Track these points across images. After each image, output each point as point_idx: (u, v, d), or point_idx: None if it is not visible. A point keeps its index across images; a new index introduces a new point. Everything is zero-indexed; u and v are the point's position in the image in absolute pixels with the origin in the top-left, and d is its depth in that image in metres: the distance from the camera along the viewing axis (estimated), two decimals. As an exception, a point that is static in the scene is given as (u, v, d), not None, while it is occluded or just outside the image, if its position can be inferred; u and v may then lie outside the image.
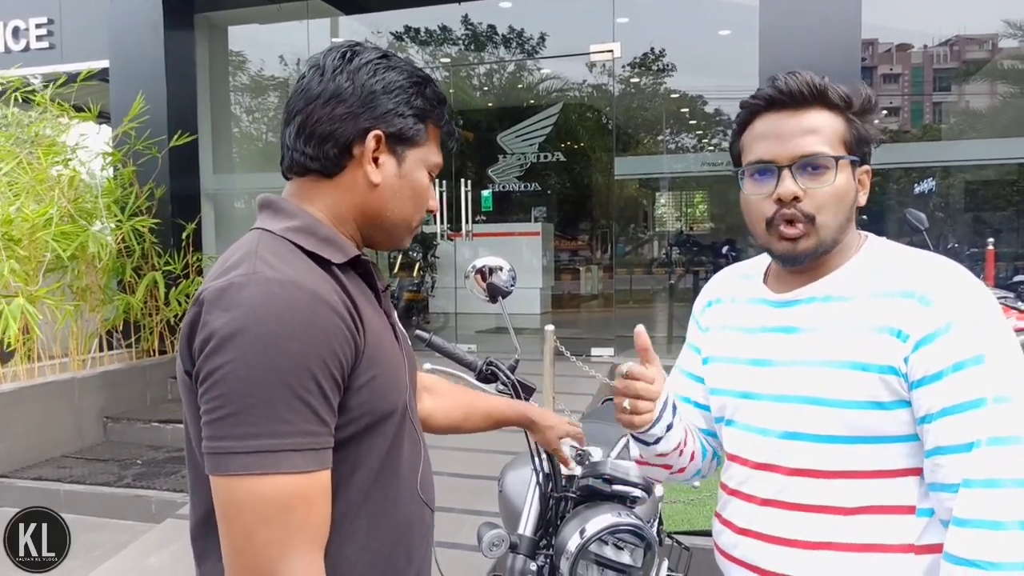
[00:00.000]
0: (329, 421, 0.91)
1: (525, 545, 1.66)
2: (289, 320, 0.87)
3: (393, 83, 1.04)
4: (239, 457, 0.85)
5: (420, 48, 9.01)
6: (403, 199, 1.07)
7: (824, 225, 1.14)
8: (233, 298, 0.88)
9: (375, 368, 0.98)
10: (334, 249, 1.00)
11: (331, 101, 1.02)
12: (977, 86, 7.98)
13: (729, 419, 1.30)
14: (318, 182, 1.05)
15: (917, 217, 4.34)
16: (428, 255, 8.46)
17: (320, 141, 1.02)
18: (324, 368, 0.89)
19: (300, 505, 0.87)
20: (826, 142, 1.14)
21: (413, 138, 1.06)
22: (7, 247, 5.12)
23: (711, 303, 1.40)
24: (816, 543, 1.14)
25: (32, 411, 4.99)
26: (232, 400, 0.85)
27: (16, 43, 7.68)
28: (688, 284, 8.42)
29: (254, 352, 0.85)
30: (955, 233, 7.60)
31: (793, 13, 5.13)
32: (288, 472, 0.86)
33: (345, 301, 0.95)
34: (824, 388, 1.14)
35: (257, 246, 0.96)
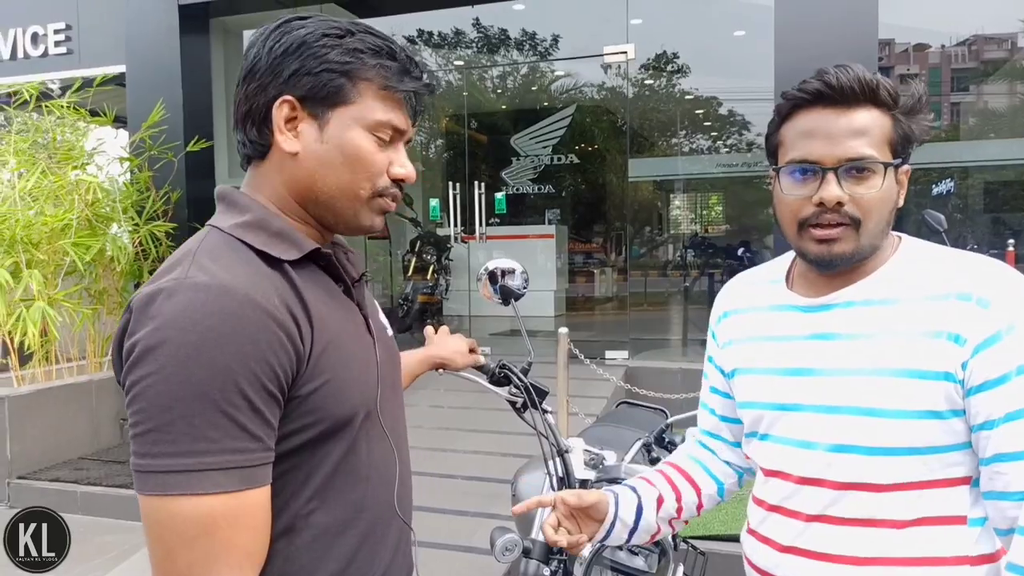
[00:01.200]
0: (263, 436, 0.85)
1: (538, 550, 1.65)
2: (215, 330, 0.81)
3: (296, 41, 0.93)
4: (157, 476, 0.80)
5: (434, 51, 9.03)
6: (333, 166, 0.95)
7: (867, 231, 1.09)
8: (159, 306, 0.83)
9: (328, 372, 0.91)
10: (286, 245, 0.94)
11: (246, 79, 0.95)
12: (996, 86, 7.90)
13: (764, 433, 1.22)
14: (257, 167, 0.99)
15: (936, 218, 4.29)
16: (442, 258, 8.46)
17: (243, 123, 0.97)
18: (254, 380, 0.82)
19: (225, 526, 0.82)
20: (874, 144, 1.08)
21: (333, 96, 0.94)
22: (26, 251, 5.17)
23: (727, 314, 1.34)
24: (868, 559, 1.09)
25: (50, 413, 5.03)
26: (151, 416, 0.80)
27: (35, 49, 7.77)
28: (703, 287, 8.38)
29: (174, 365, 0.80)
30: (974, 234, 7.52)
31: (809, 13, 5.09)
32: (209, 492, 0.81)
33: (289, 304, 0.88)
34: (878, 398, 1.07)
35: (198, 247, 0.91)
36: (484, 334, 7.60)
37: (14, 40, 7.82)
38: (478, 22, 8.75)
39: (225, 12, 7.26)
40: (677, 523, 1.40)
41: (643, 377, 5.73)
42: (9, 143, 5.63)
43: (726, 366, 1.33)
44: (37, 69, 7.45)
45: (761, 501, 1.24)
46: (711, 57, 8.33)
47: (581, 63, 9.03)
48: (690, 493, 1.39)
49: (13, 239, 5.13)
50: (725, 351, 1.33)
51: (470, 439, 4.73)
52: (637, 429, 2.18)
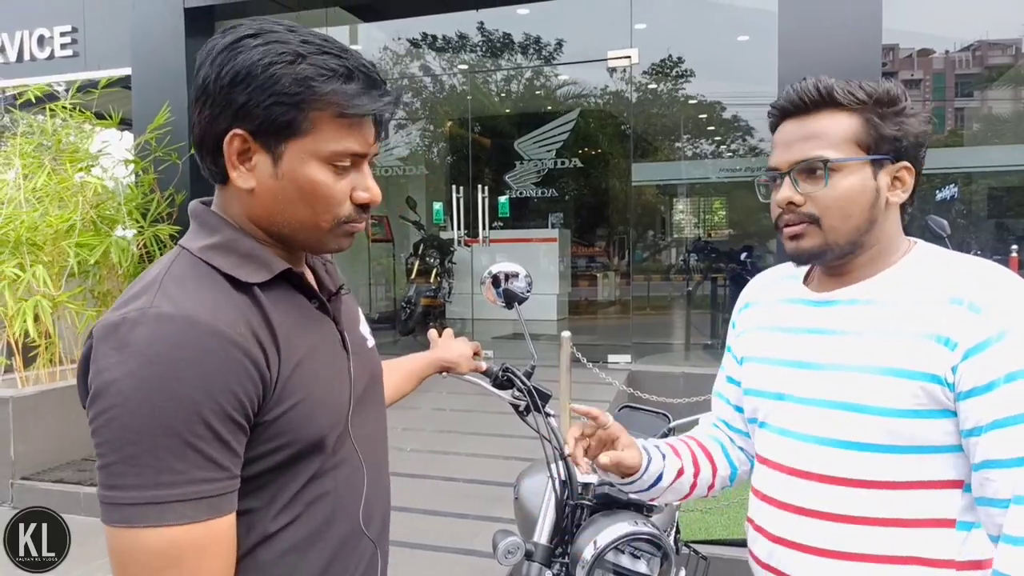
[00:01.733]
0: (229, 465, 0.84)
1: (540, 553, 1.66)
2: (179, 362, 0.81)
3: (243, 70, 0.87)
4: (122, 508, 0.80)
5: (438, 55, 9.05)
6: (290, 201, 0.92)
7: (831, 227, 1.13)
8: (123, 337, 0.82)
9: (297, 395, 0.91)
10: (255, 266, 0.92)
11: (198, 101, 0.91)
12: (1000, 92, 7.89)
13: (762, 421, 1.27)
14: (221, 190, 0.97)
15: (939, 224, 4.29)
16: (445, 261, 8.47)
17: (198, 147, 0.94)
18: (219, 410, 0.82)
19: (191, 556, 0.82)
20: (830, 145, 1.13)
21: (285, 130, 0.89)
22: (31, 252, 5.19)
23: (748, 305, 1.39)
24: (854, 555, 1.11)
25: (54, 414, 5.04)
26: (116, 448, 0.80)
27: (41, 51, 7.80)
28: (706, 291, 8.38)
29: (139, 397, 0.79)
30: (978, 240, 7.50)
31: (813, 18, 5.10)
32: (174, 524, 0.81)
33: (255, 330, 0.87)
34: (864, 394, 1.11)
35: (166, 273, 0.89)
36: (487, 337, 7.60)
37: (20, 42, 7.85)
38: (482, 26, 8.77)
39: (230, 15, 7.28)
40: (681, 499, 1.47)
41: (646, 381, 5.73)
42: (14, 145, 5.65)
43: (739, 354, 1.38)
44: (43, 71, 7.48)
45: (756, 490, 1.29)
46: (715, 62, 8.34)
47: (585, 67, 9.04)
48: (707, 470, 1.43)
49: (18, 240, 5.14)
50: (740, 339, 1.38)
51: (472, 442, 4.74)
52: (640, 433, 2.18)
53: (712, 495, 1.49)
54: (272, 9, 7.04)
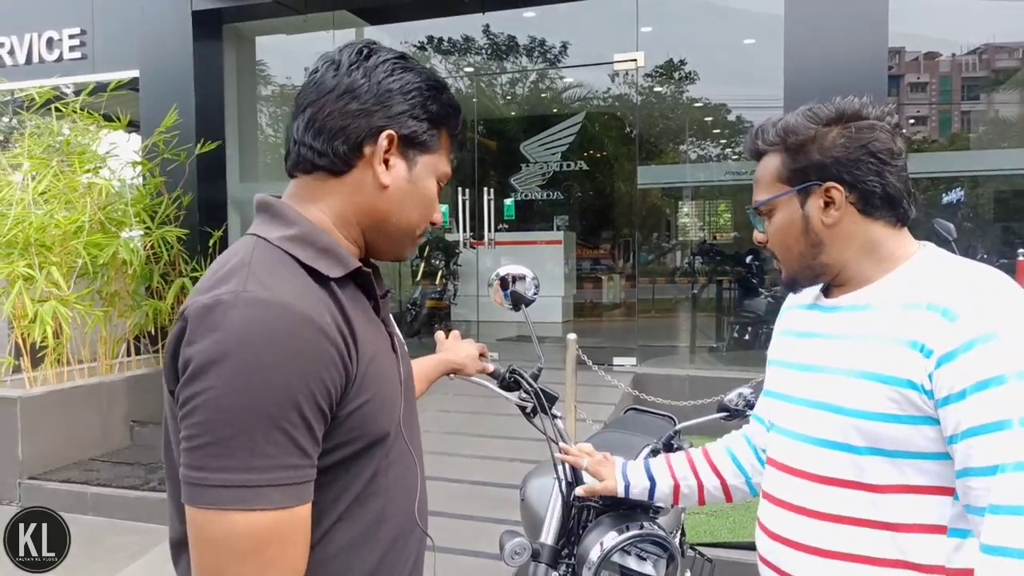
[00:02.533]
0: (312, 454, 0.86)
1: (547, 554, 1.66)
2: (276, 347, 0.82)
3: (410, 84, 0.99)
4: (214, 490, 0.81)
5: (444, 58, 9.07)
6: (411, 205, 1.02)
7: (783, 261, 1.26)
8: (219, 319, 0.82)
9: (367, 392, 0.93)
10: (332, 261, 0.95)
11: (345, 96, 0.97)
12: (1007, 95, 7.86)
13: (772, 423, 1.33)
14: (325, 181, 1.00)
15: (945, 227, 4.29)
16: (450, 263, 8.48)
17: (330, 136, 0.97)
18: (310, 398, 0.84)
19: (275, 542, 0.83)
20: (764, 187, 1.25)
21: (426, 143, 1.02)
22: (39, 253, 5.22)
23: (786, 309, 1.44)
24: (845, 555, 1.13)
25: (61, 414, 5.07)
26: (211, 429, 0.81)
27: (50, 53, 7.84)
28: (711, 294, 8.36)
29: (237, 380, 0.80)
30: (984, 244, 7.48)
31: (819, 22, 5.10)
32: (264, 508, 0.81)
33: (339, 323, 0.90)
34: (841, 396, 1.14)
35: (251, 258, 0.90)
36: (492, 339, 7.61)
37: (30, 45, 7.90)
38: (488, 29, 8.79)
39: (238, 18, 7.32)
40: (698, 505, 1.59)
41: (651, 384, 5.73)
42: (23, 146, 5.68)
43: (769, 354, 1.43)
44: (52, 73, 7.52)
45: (763, 490, 1.33)
46: (720, 65, 8.33)
47: (591, 70, 9.04)
48: (711, 481, 1.54)
49: (27, 241, 5.17)
50: (775, 340, 1.43)
51: (479, 444, 4.74)
52: (645, 435, 2.19)
53: (734, 502, 1.56)
54: (280, 12, 7.07)
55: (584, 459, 1.66)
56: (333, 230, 1.00)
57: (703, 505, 1.58)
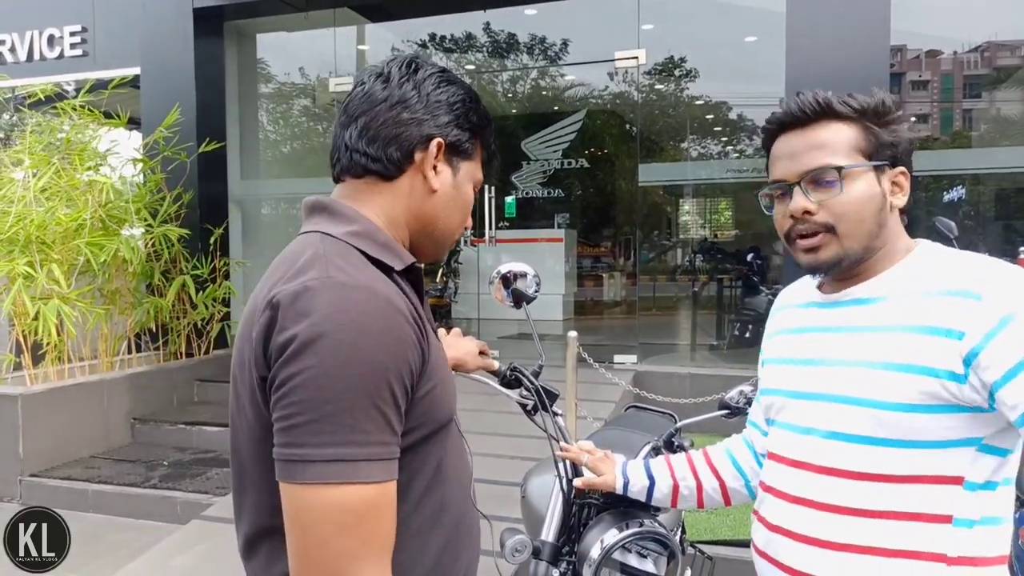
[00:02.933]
0: (399, 431, 0.91)
1: (548, 551, 1.66)
2: (368, 327, 0.87)
3: (455, 96, 1.07)
4: (317, 465, 0.84)
5: (445, 55, 9.06)
6: (454, 209, 1.10)
7: (847, 234, 1.16)
8: (310, 302, 0.87)
9: (435, 377, 0.97)
10: (393, 256, 1.01)
11: (397, 106, 1.04)
12: (1009, 92, 7.85)
13: (774, 419, 1.32)
14: (376, 185, 1.05)
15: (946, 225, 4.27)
16: (451, 261, 8.48)
17: (384, 143, 1.03)
18: (399, 377, 0.89)
19: (372, 515, 0.87)
20: (835, 154, 1.16)
21: (467, 151, 1.10)
22: (40, 250, 5.22)
23: (777, 309, 1.43)
24: (844, 544, 1.13)
25: (62, 412, 5.07)
26: (311, 407, 0.84)
27: (51, 51, 7.85)
28: (712, 291, 8.36)
29: (335, 358, 0.84)
30: (985, 241, 7.47)
31: (820, 19, 5.09)
32: (363, 482, 0.85)
33: (411, 308, 0.95)
34: (861, 388, 1.13)
35: (324, 250, 0.95)
36: (492, 337, 7.61)
37: (30, 42, 7.90)
38: (489, 26, 8.78)
39: (239, 15, 7.32)
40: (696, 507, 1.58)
41: (652, 381, 5.73)
42: (24, 144, 5.68)
43: (764, 355, 1.42)
44: (53, 71, 7.53)
45: (762, 482, 1.33)
46: (722, 62, 8.32)
47: (592, 68, 9.04)
48: (711, 482, 1.54)
49: (28, 239, 5.17)
50: (766, 343, 1.42)
51: (479, 441, 4.73)
52: (645, 433, 2.18)
53: (732, 504, 1.56)
54: (281, 9, 7.07)
55: (584, 456, 1.67)
56: (384, 230, 1.04)
57: (702, 508, 1.57)
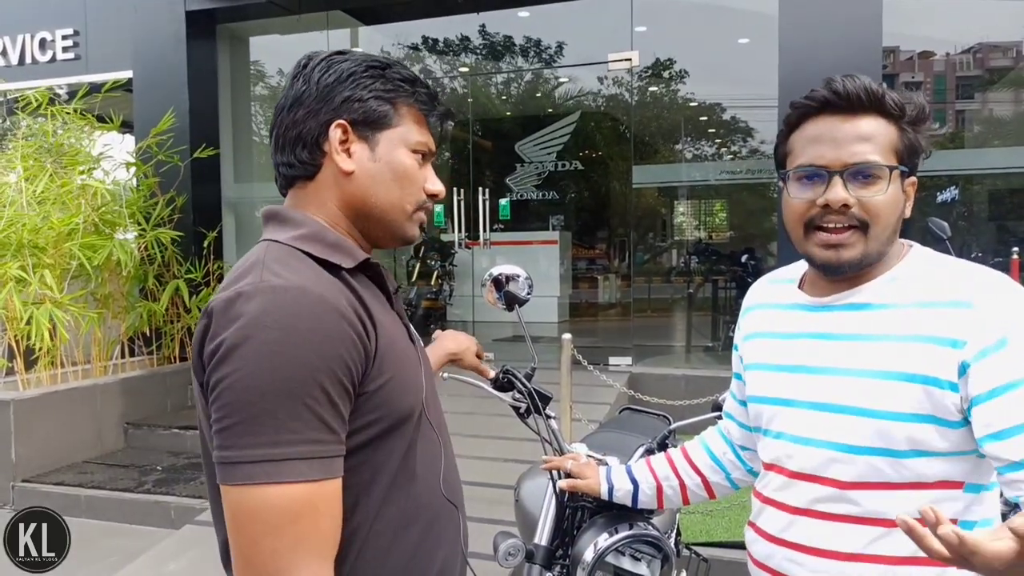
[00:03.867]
0: (338, 429, 0.90)
1: (541, 555, 1.66)
2: (294, 327, 0.87)
3: (345, 71, 1.04)
4: (244, 467, 0.85)
5: (438, 58, 9.06)
6: (384, 182, 1.05)
7: (875, 236, 1.12)
8: (240, 308, 0.88)
9: (389, 371, 0.97)
10: (343, 254, 1.00)
11: (293, 107, 1.04)
12: (1001, 94, 7.88)
13: (765, 428, 1.28)
14: (304, 187, 1.06)
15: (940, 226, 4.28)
16: (446, 263, 8.48)
17: (292, 146, 1.04)
18: (331, 375, 0.88)
19: (307, 514, 0.87)
20: (879, 151, 1.11)
21: (381, 120, 1.05)
22: (33, 255, 5.20)
23: (749, 309, 1.40)
24: (852, 555, 1.12)
25: (54, 417, 5.05)
26: (237, 409, 0.85)
27: (43, 54, 7.82)
28: (707, 293, 8.37)
29: (259, 361, 0.85)
30: (979, 242, 7.50)
31: (813, 21, 5.10)
32: (293, 481, 0.86)
33: (355, 305, 0.95)
34: (863, 398, 1.11)
35: (264, 256, 0.96)
36: (487, 340, 7.60)
37: (22, 46, 7.87)
38: (483, 29, 8.78)
39: (232, 19, 7.30)
40: (682, 505, 1.59)
41: (646, 383, 5.73)
42: (17, 148, 5.66)
43: (744, 358, 1.38)
44: (45, 75, 7.50)
45: (759, 493, 1.30)
46: (715, 64, 8.33)
47: (585, 70, 9.04)
48: (693, 480, 1.53)
49: (20, 243, 5.15)
50: (745, 344, 1.38)
51: (473, 444, 4.73)
52: (640, 435, 2.18)
53: (717, 498, 1.55)
54: (274, 12, 7.06)
55: (568, 463, 1.66)
56: (332, 229, 1.04)
57: (687, 505, 1.58)
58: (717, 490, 1.54)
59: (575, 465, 1.65)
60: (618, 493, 1.58)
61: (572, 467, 1.65)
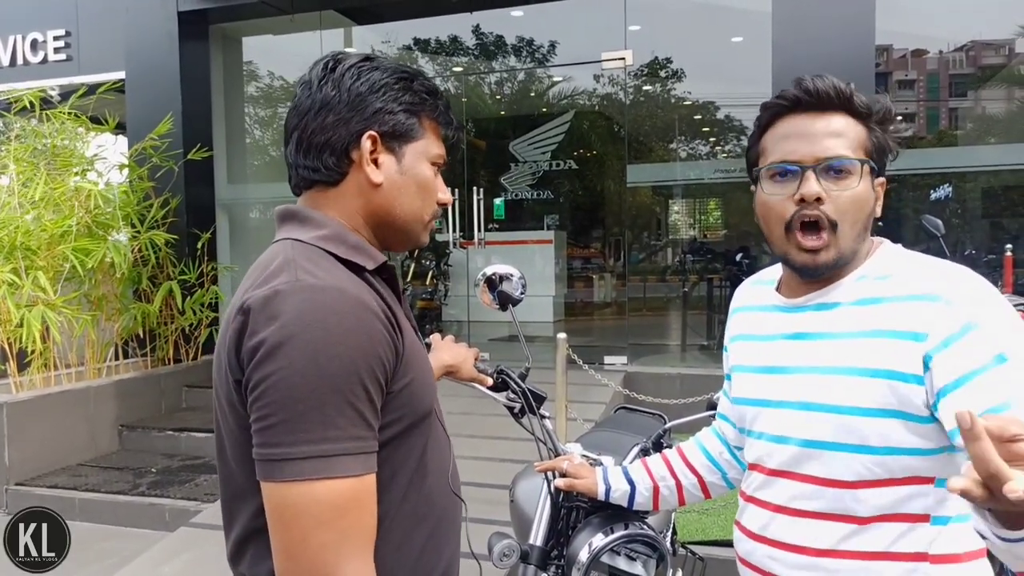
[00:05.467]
0: (375, 425, 0.93)
1: (536, 555, 1.65)
2: (336, 326, 0.88)
3: (378, 82, 1.04)
4: (294, 463, 0.86)
5: (432, 58, 9.05)
6: (409, 194, 1.08)
7: (844, 234, 1.13)
8: (279, 306, 0.89)
9: (412, 371, 0.99)
10: (365, 256, 1.02)
11: (321, 111, 1.03)
12: (993, 91, 7.91)
13: (748, 428, 1.30)
14: (325, 192, 1.06)
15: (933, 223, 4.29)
16: (441, 263, 8.47)
17: (318, 152, 1.04)
18: (371, 373, 0.90)
19: (353, 508, 0.89)
20: (850, 146, 1.13)
21: (408, 133, 1.06)
22: (26, 257, 5.17)
23: (735, 311, 1.41)
24: (828, 551, 1.13)
25: (48, 419, 5.02)
26: (284, 407, 0.86)
27: (34, 55, 7.78)
28: (702, 292, 8.38)
29: (304, 359, 0.86)
30: (972, 239, 7.52)
31: (806, 19, 5.11)
32: (341, 476, 0.87)
33: (383, 306, 0.97)
34: (829, 395, 1.13)
35: (294, 255, 0.97)
36: (483, 339, 7.60)
37: (14, 46, 7.83)
38: (477, 28, 8.77)
39: (224, 19, 7.28)
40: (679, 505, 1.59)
41: (642, 382, 5.73)
42: (9, 150, 5.63)
43: (730, 359, 1.40)
44: (36, 75, 7.46)
45: (743, 492, 1.32)
46: (709, 63, 8.34)
47: (579, 69, 9.04)
48: (689, 480, 1.54)
49: (13, 245, 5.13)
50: (732, 345, 1.40)
51: (468, 445, 4.73)
52: (635, 434, 2.18)
53: (712, 497, 1.56)
54: (267, 12, 7.03)
55: (563, 463, 1.66)
56: (352, 232, 1.06)
57: (683, 505, 1.58)
58: (713, 490, 1.55)
59: (570, 466, 1.65)
60: (615, 494, 1.58)
61: (568, 468, 1.64)
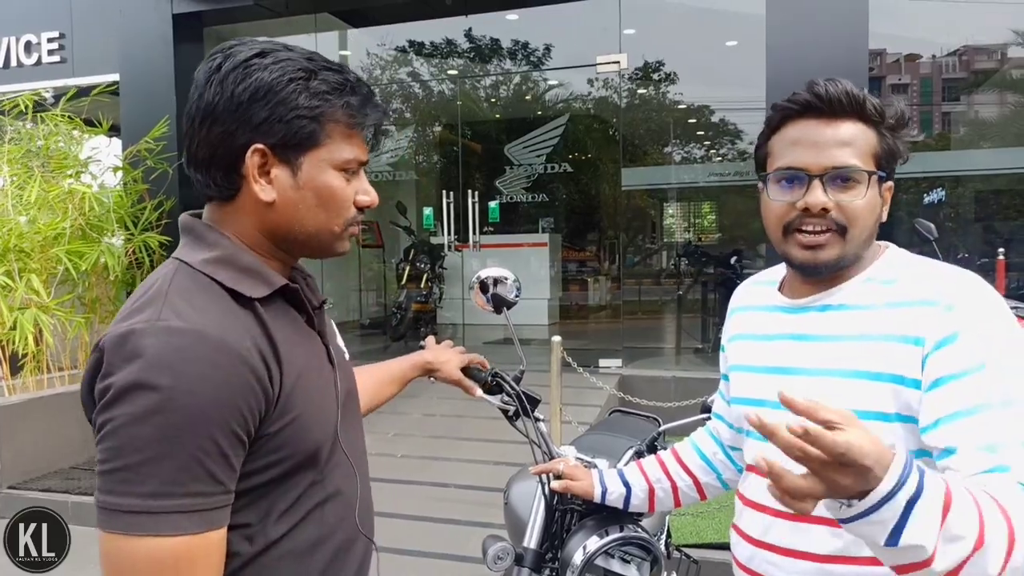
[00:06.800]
0: (226, 481, 0.86)
1: (530, 558, 1.65)
2: (189, 375, 0.82)
3: (264, 86, 0.91)
4: (120, 516, 0.81)
5: (427, 60, 9.06)
6: (309, 209, 0.96)
7: (852, 238, 1.13)
8: (133, 348, 0.83)
9: (295, 409, 0.92)
10: (255, 281, 0.94)
11: (205, 121, 0.93)
12: (986, 96, 7.96)
13: (748, 429, 1.29)
14: (222, 207, 0.97)
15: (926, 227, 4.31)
16: (435, 266, 8.46)
17: (205, 167, 0.94)
18: (223, 426, 0.84)
19: (184, 567, 0.83)
20: (859, 155, 1.12)
21: (305, 141, 0.93)
22: (19, 259, 5.15)
23: (733, 311, 1.41)
24: (829, 556, 1.13)
25: (41, 422, 5.00)
26: (121, 455, 0.81)
27: (28, 57, 7.76)
28: (696, 295, 8.39)
29: (149, 407, 0.80)
30: (965, 243, 7.56)
31: (800, 23, 5.13)
32: (169, 534, 0.82)
33: (261, 346, 0.89)
34: (837, 397, 1.10)
35: (169, 287, 0.90)
36: (478, 342, 7.59)
37: (7, 48, 7.81)
38: (471, 32, 8.78)
39: (219, 22, 7.26)
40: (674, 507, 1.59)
41: (636, 385, 5.73)
42: (2, 152, 5.61)
43: (729, 359, 1.40)
44: (30, 77, 7.43)
45: (741, 495, 1.31)
46: (703, 67, 8.37)
47: (574, 73, 9.06)
48: (684, 481, 1.54)
49: (6, 248, 5.11)
50: (730, 345, 1.39)
51: (462, 448, 4.73)
52: (629, 437, 2.18)
53: (708, 499, 1.56)
54: (261, 15, 7.02)
55: (560, 464, 1.66)
56: (250, 250, 0.97)
57: (679, 507, 1.58)
58: (708, 491, 1.55)
59: (567, 467, 1.65)
60: (611, 496, 1.58)
61: (564, 470, 1.64)
